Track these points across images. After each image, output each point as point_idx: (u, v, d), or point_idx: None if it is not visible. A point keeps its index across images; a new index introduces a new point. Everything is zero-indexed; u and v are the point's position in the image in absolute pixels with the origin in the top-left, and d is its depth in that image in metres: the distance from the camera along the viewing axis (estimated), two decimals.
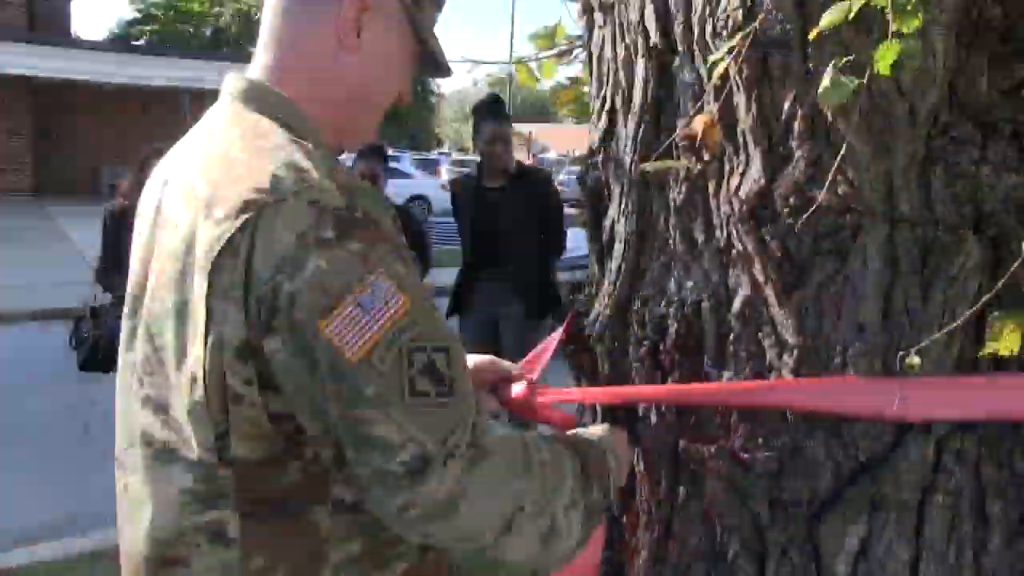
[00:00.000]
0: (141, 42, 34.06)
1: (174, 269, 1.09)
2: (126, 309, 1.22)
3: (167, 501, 1.12)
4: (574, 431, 1.42)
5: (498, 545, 1.08)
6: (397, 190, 20.79)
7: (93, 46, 22.46)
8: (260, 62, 1.23)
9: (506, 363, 1.65)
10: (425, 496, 1.01)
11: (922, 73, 1.37)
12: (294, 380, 1.02)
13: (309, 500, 1.10)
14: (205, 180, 1.09)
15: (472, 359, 1.54)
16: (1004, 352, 1.30)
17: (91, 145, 22.98)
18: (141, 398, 1.17)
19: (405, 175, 22.55)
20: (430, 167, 29.44)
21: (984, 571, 1.44)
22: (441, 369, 1.03)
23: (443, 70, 1.39)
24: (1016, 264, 1.23)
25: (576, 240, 6.24)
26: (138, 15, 38.27)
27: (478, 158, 5.03)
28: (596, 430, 1.45)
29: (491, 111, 4.74)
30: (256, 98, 1.18)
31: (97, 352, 4.80)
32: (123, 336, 1.23)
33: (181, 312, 1.07)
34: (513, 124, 5.00)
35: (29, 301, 9.83)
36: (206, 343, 1.02)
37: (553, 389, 1.69)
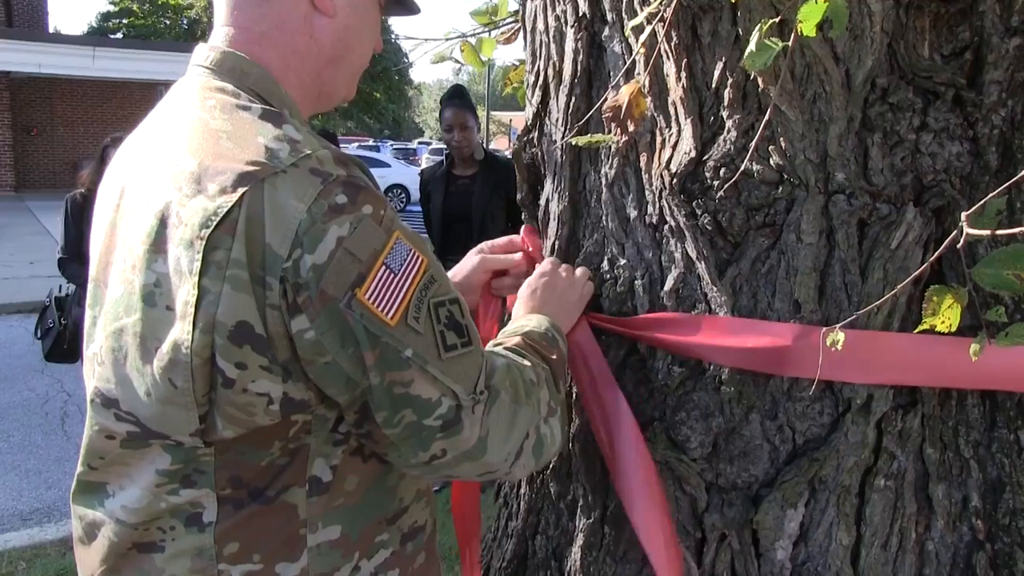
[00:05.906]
0: (118, 36, 33.73)
1: (144, 248, 1.00)
2: (88, 298, 1.14)
3: (141, 485, 1.06)
4: (526, 325, 1.36)
5: (511, 471, 1.12)
6: (376, 180, 20.85)
7: (69, 40, 22.14)
8: (225, 33, 1.14)
9: (494, 257, 1.62)
10: (458, 443, 1.04)
11: (858, 36, 1.30)
12: (324, 356, 0.98)
13: (287, 481, 1.06)
14: (188, 153, 1.01)
15: (464, 264, 1.60)
16: (942, 328, 1.23)
17: (70, 139, 22.74)
18: (91, 391, 1.09)
19: (384, 165, 22.40)
20: (410, 156, 29.43)
21: (927, 554, 1.39)
22: (459, 320, 1.06)
23: (410, 8, 1.34)
24: (952, 236, 1.16)
25: None
26: (114, 8, 37.86)
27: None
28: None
29: (450, 99, 4.87)
30: (230, 69, 1.11)
31: (63, 342, 4.73)
32: (85, 327, 1.14)
33: (151, 295, 0.99)
34: (494, 112, 5.03)
35: (6, 295, 9.76)
36: (195, 325, 0.95)
37: None
